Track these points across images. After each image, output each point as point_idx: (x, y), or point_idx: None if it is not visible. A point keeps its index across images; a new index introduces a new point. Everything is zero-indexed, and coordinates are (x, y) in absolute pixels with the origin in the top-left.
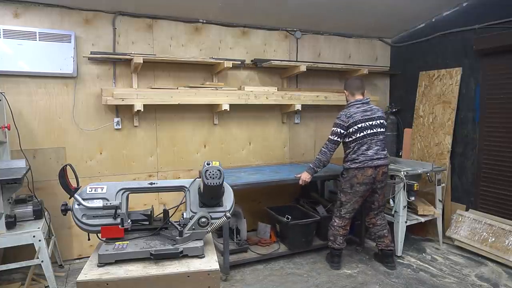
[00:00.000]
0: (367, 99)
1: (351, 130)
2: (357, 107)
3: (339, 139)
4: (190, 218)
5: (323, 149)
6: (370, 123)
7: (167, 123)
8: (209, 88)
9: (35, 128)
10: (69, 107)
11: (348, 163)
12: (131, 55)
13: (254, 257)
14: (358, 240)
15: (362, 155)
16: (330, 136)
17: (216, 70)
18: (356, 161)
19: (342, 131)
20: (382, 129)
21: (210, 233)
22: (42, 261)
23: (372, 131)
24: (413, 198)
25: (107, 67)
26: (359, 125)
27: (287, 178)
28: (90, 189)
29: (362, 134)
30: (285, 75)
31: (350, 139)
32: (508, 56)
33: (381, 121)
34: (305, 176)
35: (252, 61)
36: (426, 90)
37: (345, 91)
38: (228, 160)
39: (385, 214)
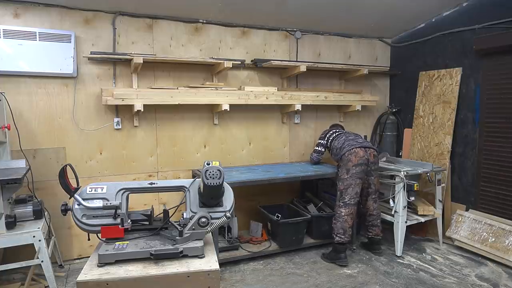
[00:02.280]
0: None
1: (327, 136)
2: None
3: (322, 149)
4: (190, 218)
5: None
6: (343, 130)
7: (167, 123)
8: (209, 88)
9: (35, 128)
10: (69, 107)
11: (340, 155)
12: (131, 55)
13: (244, 254)
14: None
15: (347, 142)
16: (315, 148)
17: (216, 70)
18: (344, 147)
19: (323, 142)
20: (357, 133)
21: (210, 233)
22: (42, 261)
23: (345, 131)
24: (413, 198)
25: (107, 67)
26: (333, 130)
27: (276, 177)
28: (90, 189)
29: (336, 134)
30: (285, 75)
31: (330, 140)
32: (508, 56)
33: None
34: None
35: (252, 61)
36: (426, 90)
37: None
38: (228, 160)
39: (384, 213)
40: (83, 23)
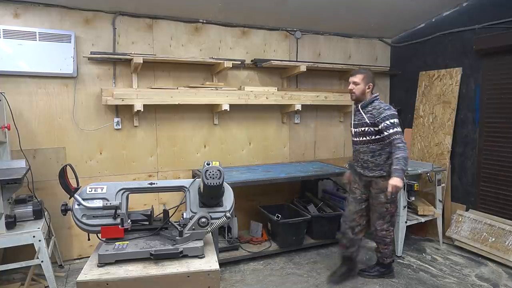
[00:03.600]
0: None
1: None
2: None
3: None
4: (190, 218)
5: (401, 144)
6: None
7: (167, 123)
8: (209, 88)
9: (35, 128)
10: (69, 107)
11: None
12: (131, 55)
13: (244, 255)
14: None
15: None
16: (398, 129)
17: (216, 70)
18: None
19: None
20: None
21: (210, 233)
22: (42, 261)
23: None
24: (413, 198)
25: (107, 67)
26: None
27: (277, 177)
28: (90, 189)
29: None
30: (285, 75)
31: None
32: (508, 56)
33: None
34: (398, 182)
35: (252, 61)
36: (426, 90)
37: (370, 84)
38: (228, 160)
39: None
40: (83, 23)
